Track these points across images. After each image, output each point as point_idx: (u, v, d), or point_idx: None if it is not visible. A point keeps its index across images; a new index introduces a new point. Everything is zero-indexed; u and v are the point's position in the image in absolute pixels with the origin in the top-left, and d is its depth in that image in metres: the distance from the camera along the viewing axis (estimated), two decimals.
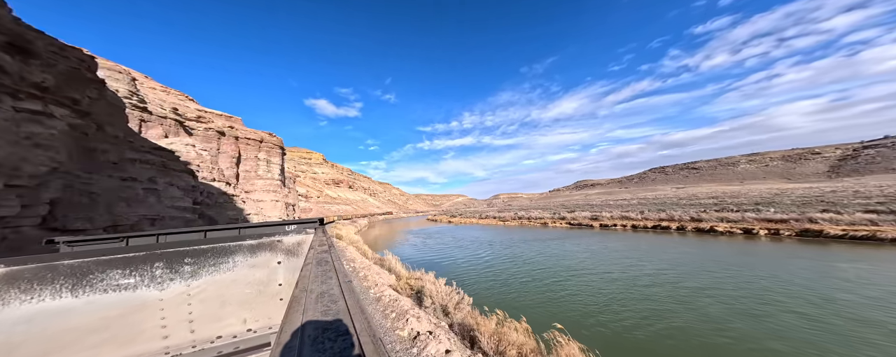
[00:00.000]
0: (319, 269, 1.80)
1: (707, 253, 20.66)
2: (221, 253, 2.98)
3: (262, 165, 53.57)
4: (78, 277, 2.39)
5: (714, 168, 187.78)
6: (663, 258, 19.41)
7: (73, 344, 2.32)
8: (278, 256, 3.25)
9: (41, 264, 2.29)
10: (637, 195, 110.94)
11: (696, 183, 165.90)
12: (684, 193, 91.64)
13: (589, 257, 20.88)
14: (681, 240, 27.25)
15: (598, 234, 34.37)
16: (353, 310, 1.07)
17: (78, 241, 3.12)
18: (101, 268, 2.48)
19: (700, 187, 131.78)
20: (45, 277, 2.29)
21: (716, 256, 19.28)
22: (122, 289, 2.53)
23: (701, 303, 11.09)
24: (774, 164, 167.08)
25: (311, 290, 1.35)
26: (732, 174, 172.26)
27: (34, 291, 2.25)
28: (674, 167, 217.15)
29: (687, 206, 44.00)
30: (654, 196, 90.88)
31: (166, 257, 2.74)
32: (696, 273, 15.34)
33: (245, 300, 3.02)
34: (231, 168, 46.91)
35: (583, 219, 44.17)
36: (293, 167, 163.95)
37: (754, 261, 17.58)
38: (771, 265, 16.25)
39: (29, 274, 2.25)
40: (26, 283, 2.23)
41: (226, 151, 47.37)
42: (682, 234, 30.75)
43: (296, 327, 0.94)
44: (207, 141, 44.51)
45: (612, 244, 26.21)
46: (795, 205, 33.55)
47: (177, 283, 2.75)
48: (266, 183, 51.47)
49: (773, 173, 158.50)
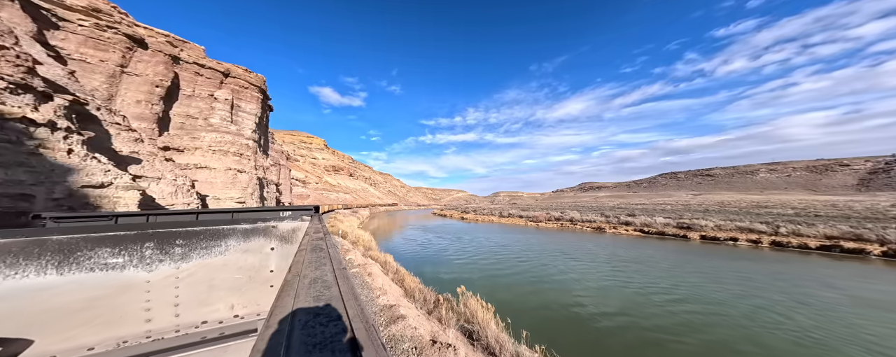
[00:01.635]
0: (314, 255, 1.71)
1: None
2: (214, 236, 2.88)
3: (219, 111, 32.05)
4: (65, 254, 2.30)
5: (730, 176, 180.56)
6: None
7: (53, 323, 2.23)
8: (272, 242, 3.17)
9: (30, 238, 2.19)
10: (652, 200, 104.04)
11: (712, 190, 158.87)
12: (708, 201, 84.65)
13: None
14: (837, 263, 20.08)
15: (728, 251, 23.36)
16: (346, 296, 1.05)
17: (65, 218, 2.85)
18: (90, 245, 2.38)
19: (719, 195, 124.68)
20: (32, 252, 2.20)
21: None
22: (109, 268, 2.43)
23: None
24: (798, 174, 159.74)
25: (305, 276, 1.30)
26: (750, 183, 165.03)
27: (19, 266, 2.14)
28: (686, 173, 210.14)
29: (743, 216, 37.04)
30: (674, 202, 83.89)
31: (158, 237, 2.63)
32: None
33: (235, 285, 2.94)
34: (147, 105, 26.60)
35: (663, 226, 34.00)
36: (293, 151, 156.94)
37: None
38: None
39: (16, 247, 2.15)
40: (13, 257, 2.13)
41: (141, 75, 26.46)
42: (780, 250, 23.80)
43: (286, 312, 0.91)
44: (98, 48, 23.91)
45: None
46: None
47: (166, 264, 2.65)
48: (221, 140, 31.22)
49: (796, 184, 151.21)
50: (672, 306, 11.68)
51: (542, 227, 43.28)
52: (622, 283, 14.97)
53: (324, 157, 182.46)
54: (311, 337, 0.72)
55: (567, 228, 40.75)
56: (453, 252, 21.56)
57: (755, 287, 14.25)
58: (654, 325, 9.86)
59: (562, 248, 24.56)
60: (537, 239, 30.53)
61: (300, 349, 0.67)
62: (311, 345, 0.69)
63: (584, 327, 9.83)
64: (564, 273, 16.65)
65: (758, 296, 12.94)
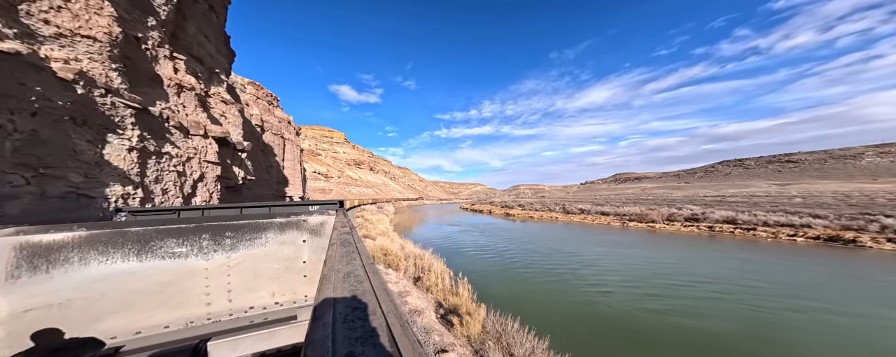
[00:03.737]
0: (343, 250, 1.86)
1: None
2: (256, 229, 3.16)
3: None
4: (142, 244, 2.66)
5: (822, 162, 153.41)
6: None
7: (137, 304, 2.60)
8: (304, 235, 3.36)
9: (115, 230, 2.58)
10: (721, 192, 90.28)
11: (800, 179, 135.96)
12: (809, 192, 70.16)
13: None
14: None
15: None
16: (378, 291, 1.12)
17: (139, 211, 3.41)
18: (161, 236, 2.74)
19: (817, 184, 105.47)
20: (117, 242, 2.57)
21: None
22: (175, 257, 2.78)
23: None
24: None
25: (339, 270, 1.40)
26: (853, 169, 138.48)
27: (109, 254, 2.53)
28: (756, 160, 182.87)
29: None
30: (765, 193, 70.82)
31: (211, 230, 2.95)
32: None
33: (274, 275, 3.18)
34: None
35: (837, 228, 22.92)
36: (314, 145, 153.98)
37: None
38: None
39: (105, 238, 2.53)
40: (103, 246, 2.52)
41: None
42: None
43: (328, 305, 0.98)
44: None
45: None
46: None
47: (219, 254, 2.95)
48: None
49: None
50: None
51: (659, 231, 29.38)
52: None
53: (344, 150, 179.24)
54: (352, 331, 0.79)
55: (681, 232, 29.21)
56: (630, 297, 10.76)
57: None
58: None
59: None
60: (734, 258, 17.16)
61: (344, 342, 0.72)
62: (353, 339, 0.74)
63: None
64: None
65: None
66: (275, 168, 29.63)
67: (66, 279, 2.41)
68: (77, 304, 2.41)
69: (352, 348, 0.69)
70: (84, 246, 2.46)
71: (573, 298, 11.05)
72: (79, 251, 2.45)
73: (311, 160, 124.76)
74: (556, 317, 9.27)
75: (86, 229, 2.50)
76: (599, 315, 9.45)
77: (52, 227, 2.45)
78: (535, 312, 9.15)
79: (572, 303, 10.61)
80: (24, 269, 2.33)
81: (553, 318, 9.13)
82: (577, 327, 8.62)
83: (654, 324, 8.78)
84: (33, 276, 2.34)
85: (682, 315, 9.41)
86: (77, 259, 2.45)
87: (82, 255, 2.46)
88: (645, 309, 9.88)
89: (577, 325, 8.80)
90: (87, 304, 2.44)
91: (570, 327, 8.55)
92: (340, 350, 0.69)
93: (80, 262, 2.46)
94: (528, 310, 9.07)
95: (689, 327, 8.59)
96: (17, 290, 2.29)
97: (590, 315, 9.47)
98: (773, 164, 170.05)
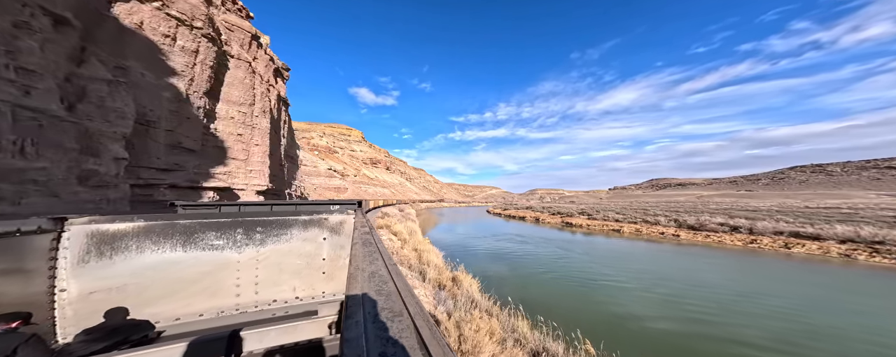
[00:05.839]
0: (365, 249, 1.87)
1: None
2: (283, 225, 3.28)
3: None
4: (187, 235, 2.88)
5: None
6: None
7: (180, 291, 2.80)
8: (324, 233, 3.45)
9: (166, 222, 2.82)
10: (812, 202, 78.47)
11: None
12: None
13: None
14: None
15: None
16: (403, 293, 1.15)
17: (189, 205, 3.72)
18: (203, 229, 2.94)
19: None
20: (168, 233, 2.81)
21: None
22: (214, 249, 2.97)
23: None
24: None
25: (363, 270, 1.42)
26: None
27: (161, 243, 2.78)
28: (843, 165, 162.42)
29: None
30: (868, 205, 59.60)
31: (245, 225, 3.12)
32: None
33: (296, 270, 3.31)
34: None
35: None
36: (332, 143, 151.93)
37: None
38: None
39: (158, 229, 2.78)
40: (156, 236, 2.77)
41: None
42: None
43: (358, 303, 1.00)
44: None
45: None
46: None
47: (250, 248, 3.12)
48: None
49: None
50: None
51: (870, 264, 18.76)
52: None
53: (361, 149, 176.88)
54: (383, 331, 0.80)
55: None
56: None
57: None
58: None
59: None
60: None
61: (376, 342, 0.75)
62: (385, 339, 0.76)
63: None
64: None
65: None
66: (182, 114, 17.36)
67: (124, 265, 2.67)
68: (131, 289, 2.67)
69: (384, 349, 0.71)
70: (141, 235, 2.72)
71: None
72: (137, 240, 2.71)
73: (327, 157, 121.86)
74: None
75: (144, 220, 2.75)
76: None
77: (117, 218, 2.72)
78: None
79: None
80: (93, 254, 2.59)
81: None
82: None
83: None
84: (100, 261, 2.60)
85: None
86: (134, 247, 2.70)
87: (139, 244, 2.70)
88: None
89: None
90: (140, 290, 2.67)
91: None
92: (374, 349, 0.70)
93: (137, 250, 2.71)
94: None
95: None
96: (85, 273, 2.55)
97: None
98: (867, 170, 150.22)
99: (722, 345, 8.71)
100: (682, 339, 9.02)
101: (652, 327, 9.85)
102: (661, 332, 9.50)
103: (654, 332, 9.53)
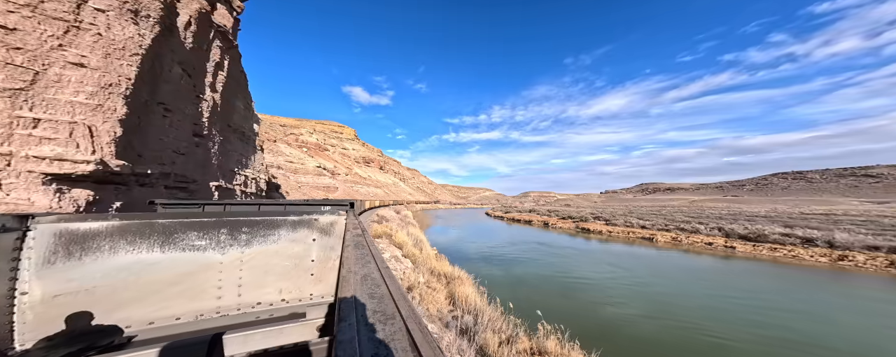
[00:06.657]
0: (358, 252, 1.86)
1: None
2: (270, 226, 3.13)
3: None
4: (167, 235, 2.67)
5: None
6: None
7: (156, 293, 2.61)
8: (314, 234, 3.31)
9: (143, 221, 2.62)
10: (799, 209, 76.36)
11: (887, 195, 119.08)
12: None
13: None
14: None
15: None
16: (396, 295, 1.15)
17: (170, 204, 3.55)
18: (184, 229, 2.74)
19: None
20: (145, 232, 2.60)
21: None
22: (195, 249, 2.77)
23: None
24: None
25: (355, 272, 1.42)
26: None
27: (137, 243, 2.57)
28: (822, 173, 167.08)
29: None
30: (865, 211, 57.39)
31: (230, 225, 2.95)
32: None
33: (283, 272, 3.15)
34: None
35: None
36: (323, 140, 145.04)
37: None
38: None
39: (134, 228, 2.58)
40: (131, 236, 2.56)
41: None
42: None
43: (350, 306, 1.01)
44: None
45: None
46: None
47: (234, 249, 2.94)
48: None
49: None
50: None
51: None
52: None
53: (354, 147, 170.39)
54: (375, 333, 0.82)
55: None
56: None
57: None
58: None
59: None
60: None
61: (369, 344, 0.75)
62: (377, 341, 0.77)
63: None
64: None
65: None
66: None
67: (95, 267, 2.45)
68: (101, 292, 2.44)
69: (377, 351, 0.72)
70: (115, 235, 2.52)
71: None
72: (110, 240, 2.50)
73: (317, 155, 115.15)
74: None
75: (119, 219, 2.55)
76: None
77: (90, 216, 2.50)
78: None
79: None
80: (60, 254, 2.37)
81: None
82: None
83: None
84: (67, 262, 2.38)
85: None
86: (107, 247, 2.49)
87: (112, 244, 2.50)
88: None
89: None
90: (110, 292, 2.46)
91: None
92: (367, 351, 0.71)
93: (109, 250, 2.50)
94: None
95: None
96: (50, 274, 2.33)
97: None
98: (845, 177, 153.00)
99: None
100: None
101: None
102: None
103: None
